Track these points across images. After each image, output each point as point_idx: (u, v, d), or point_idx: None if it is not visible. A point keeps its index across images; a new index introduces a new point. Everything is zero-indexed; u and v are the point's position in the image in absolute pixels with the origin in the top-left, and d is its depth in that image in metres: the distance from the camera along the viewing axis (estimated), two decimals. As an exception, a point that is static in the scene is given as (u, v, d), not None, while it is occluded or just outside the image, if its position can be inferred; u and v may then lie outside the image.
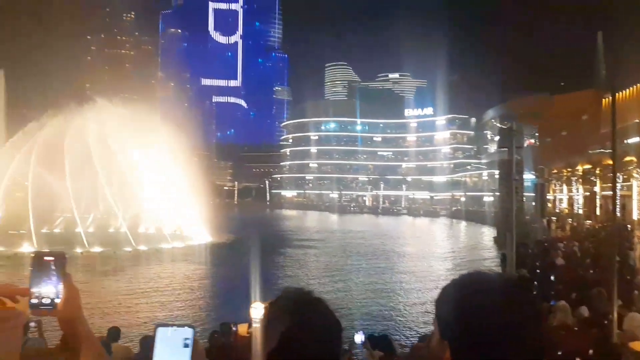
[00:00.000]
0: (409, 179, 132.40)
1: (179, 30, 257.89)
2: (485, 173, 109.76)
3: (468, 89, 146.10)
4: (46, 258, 1.31)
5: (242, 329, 11.39)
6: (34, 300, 1.31)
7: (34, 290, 1.31)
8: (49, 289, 1.31)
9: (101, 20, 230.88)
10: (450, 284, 1.33)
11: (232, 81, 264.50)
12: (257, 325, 9.74)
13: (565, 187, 69.59)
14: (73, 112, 45.75)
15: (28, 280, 1.30)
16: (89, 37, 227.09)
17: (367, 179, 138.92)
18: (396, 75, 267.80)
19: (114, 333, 10.29)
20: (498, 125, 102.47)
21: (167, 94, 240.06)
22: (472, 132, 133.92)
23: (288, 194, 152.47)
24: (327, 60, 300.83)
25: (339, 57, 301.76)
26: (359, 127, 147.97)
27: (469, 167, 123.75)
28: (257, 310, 9.95)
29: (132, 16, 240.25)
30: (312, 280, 28.67)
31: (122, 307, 20.71)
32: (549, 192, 65.01)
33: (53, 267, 1.31)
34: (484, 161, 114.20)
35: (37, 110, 48.12)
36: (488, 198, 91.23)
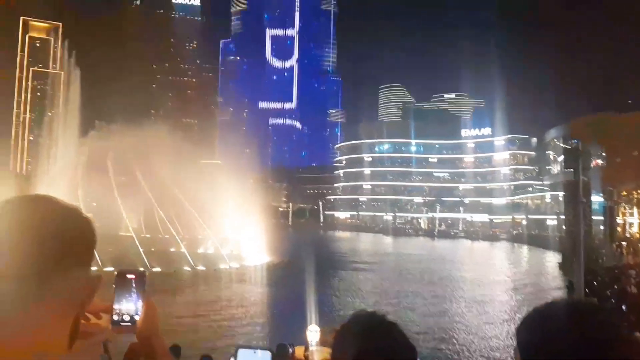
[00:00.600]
0: (466, 201, 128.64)
1: (238, 57, 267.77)
2: (548, 195, 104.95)
3: (528, 108, 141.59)
4: (128, 276, 1.37)
5: (298, 351, 11.37)
6: (115, 317, 1.35)
7: (116, 307, 1.35)
8: (130, 306, 1.35)
9: (166, 49, 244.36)
10: (531, 312, 1.33)
11: (287, 103, 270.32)
12: (313, 349, 9.71)
13: (636, 210, 65.41)
14: (133, 135, 48.01)
15: (111, 298, 1.34)
16: (154, 65, 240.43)
17: (422, 201, 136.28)
18: (452, 95, 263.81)
19: (175, 350, 10.57)
20: (562, 145, 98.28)
21: (226, 117, 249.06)
22: (533, 153, 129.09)
23: (342, 215, 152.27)
24: (381, 82, 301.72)
25: (393, 78, 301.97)
26: (413, 148, 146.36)
27: (530, 188, 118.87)
28: (314, 334, 9.94)
29: (195, 45, 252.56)
30: (367, 305, 28.26)
31: (181, 326, 21.25)
32: (618, 216, 61.36)
33: (134, 285, 1.36)
34: (546, 183, 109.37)
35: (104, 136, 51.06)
36: (552, 221, 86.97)
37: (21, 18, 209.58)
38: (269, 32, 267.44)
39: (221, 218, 47.10)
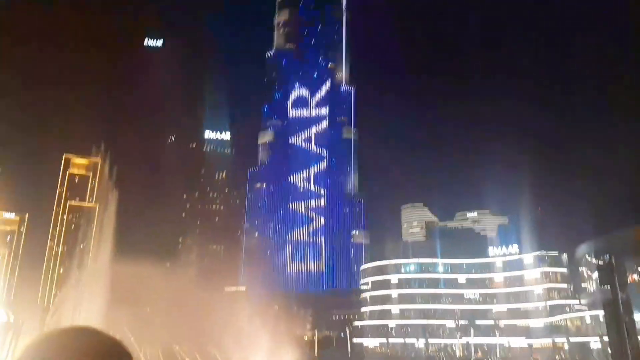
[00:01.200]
0: (501, 324, 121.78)
1: (264, 184, 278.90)
2: (587, 315, 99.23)
3: (555, 223, 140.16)
4: None
5: None
6: None
7: None
8: None
9: (197, 180, 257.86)
10: None
11: (311, 227, 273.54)
12: None
13: (686, 330, 60.71)
14: (161, 265, 49.05)
15: None
16: (185, 195, 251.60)
17: (454, 325, 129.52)
18: (474, 213, 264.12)
19: None
20: (594, 261, 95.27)
21: (252, 243, 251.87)
22: (565, 270, 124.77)
23: (370, 343, 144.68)
24: (403, 201, 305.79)
25: (414, 197, 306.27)
26: (441, 268, 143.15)
27: (567, 308, 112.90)
28: None
29: (224, 175, 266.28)
30: None
31: None
32: (666, 336, 56.85)
33: None
34: (584, 302, 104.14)
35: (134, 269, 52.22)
36: (596, 344, 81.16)
37: (64, 155, 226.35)
38: (294, 162, 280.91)
39: (245, 350, 45.81)
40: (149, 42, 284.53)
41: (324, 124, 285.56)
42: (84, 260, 74.67)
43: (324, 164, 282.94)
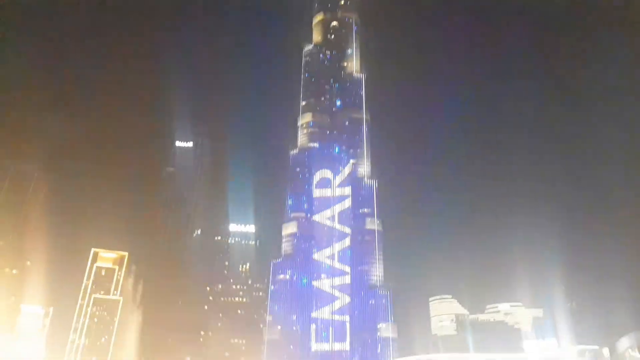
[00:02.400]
0: None
1: (288, 276, 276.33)
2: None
3: (591, 314, 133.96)
4: None
5: None
6: None
7: None
8: None
9: (220, 272, 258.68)
10: None
11: (336, 317, 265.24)
12: None
13: None
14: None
15: None
16: (208, 288, 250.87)
17: None
18: (507, 305, 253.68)
19: None
20: (637, 355, 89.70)
21: (274, 336, 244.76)
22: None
23: None
24: (430, 294, 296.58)
25: (443, 289, 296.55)
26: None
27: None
28: None
29: (247, 267, 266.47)
30: None
31: None
32: None
33: None
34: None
35: None
36: None
37: (92, 249, 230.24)
38: (317, 254, 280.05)
39: None
40: (179, 143, 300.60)
41: (347, 215, 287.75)
42: (104, 355, 74.17)
43: (347, 254, 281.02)
